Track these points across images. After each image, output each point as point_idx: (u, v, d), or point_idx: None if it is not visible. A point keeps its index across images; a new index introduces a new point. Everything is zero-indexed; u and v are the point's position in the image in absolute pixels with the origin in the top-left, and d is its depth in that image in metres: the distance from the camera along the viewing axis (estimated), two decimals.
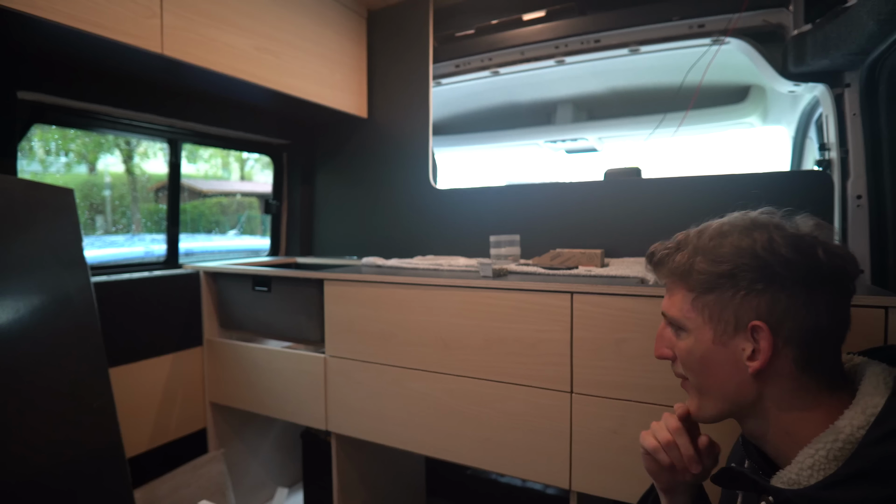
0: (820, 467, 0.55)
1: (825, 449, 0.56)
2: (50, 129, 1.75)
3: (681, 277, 0.66)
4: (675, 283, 0.68)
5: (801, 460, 0.57)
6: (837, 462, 0.55)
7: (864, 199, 1.25)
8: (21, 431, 1.10)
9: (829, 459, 0.55)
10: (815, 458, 0.56)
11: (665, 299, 0.70)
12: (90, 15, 1.18)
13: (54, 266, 1.25)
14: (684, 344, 0.66)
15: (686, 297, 0.65)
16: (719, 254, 0.62)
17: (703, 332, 0.64)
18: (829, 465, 0.55)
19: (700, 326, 0.64)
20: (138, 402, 1.69)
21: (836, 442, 0.55)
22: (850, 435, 0.55)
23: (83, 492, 1.19)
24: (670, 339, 0.69)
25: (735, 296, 0.61)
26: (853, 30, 1.06)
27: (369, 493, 1.75)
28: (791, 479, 0.58)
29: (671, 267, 0.67)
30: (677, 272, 0.66)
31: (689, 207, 1.55)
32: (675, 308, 0.67)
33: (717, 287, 0.62)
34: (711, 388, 0.64)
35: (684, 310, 0.65)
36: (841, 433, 0.55)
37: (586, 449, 1.18)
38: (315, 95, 1.85)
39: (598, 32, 1.80)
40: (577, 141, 2.39)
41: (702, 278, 0.63)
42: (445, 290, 1.34)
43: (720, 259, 0.62)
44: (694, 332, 0.65)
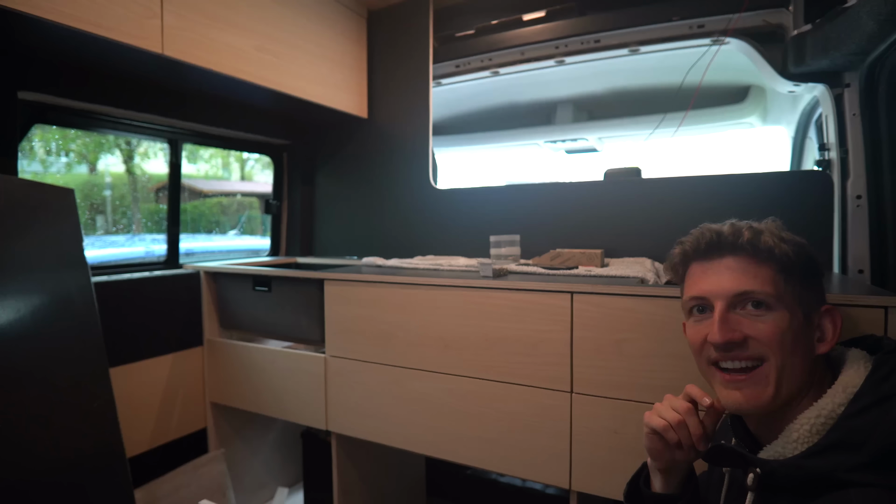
0: (804, 440, 0.60)
1: (808, 424, 0.61)
2: (50, 129, 1.75)
3: (768, 257, 0.66)
4: (760, 261, 0.66)
5: (788, 435, 0.62)
6: (819, 435, 0.60)
7: (863, 198, 1.25)
8: (21, 431, 1.10)
9: (811, 433, 0.60)
10: (800, 432, 0.61)
11: (740, 278, 0.66)
12: (91, 15, 1.19)
13: (55, 266, 1.25)
14: (773, 323, 0.64)
15: (777, 277, 0.65)
16: (797, 243, 0.67)
17: (795, 312, 0.65)
18: (812, 437, 0.60)
19: (793, 306, 0.65)
20: (138, 402, 1.69)
21: (818, 418, 0.60)
22: (832, 411, 0.60)
23: (83, 491, 1.19)
24: (739, 322, 0.65)
25: (813, 281, 0.67)
26: (853, 30, 1.06)
27: (369, 493, 1.75)
28: (777, 451, 0.63)
29: (759, 245, 0.66)
30: (764, 251, 0.66)
31: (689, 207, 1.55)
32: (769, 284, 0.65)
33: (797, 272, 0.66)
34: (795, 370, 0.64)
35: (779, 287, 0.65)
36: (823, 409, 0.61)
37: (586, 449, 1.18)
38: (315, 96, 1.85)
39: (598, 33, 1.80)
40: (577, 141, 2.40)
41: (790, 260, 0.65)
42: (445, 290, 1.34)
43: (799, 248, 0.66)
44: (786, 311, 0.64)
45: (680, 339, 1.06)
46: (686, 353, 1.05)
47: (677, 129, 2.07)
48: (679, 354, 1.07)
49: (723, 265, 0.68)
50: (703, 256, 0.70)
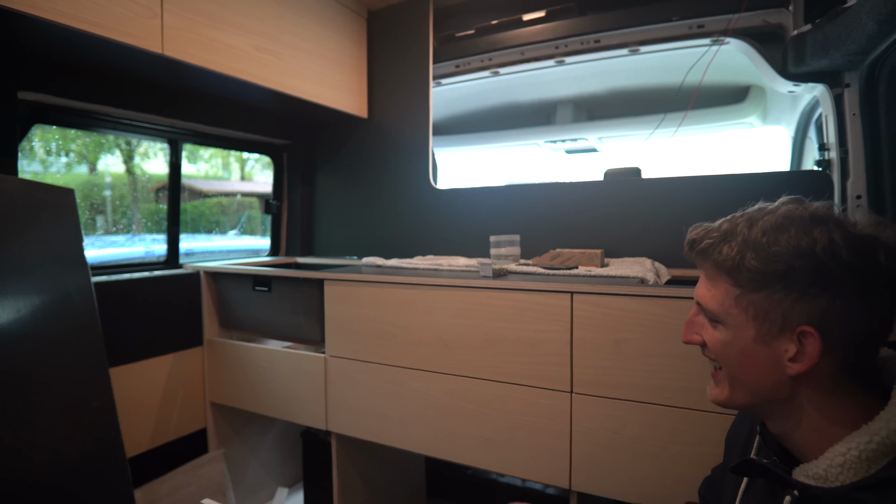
0: (850, 466, 0.54)
1: (857, 449, 0.54)
2: (50, 130, 1.75)
3: (727, 271, 0.61)
4: (718, 275, 0.62)
5: (831, 458, 0.55)
6: (870, 463, 0.53)
7: (863, 199, 1.25)
8: (21, 431, 1.10)
9: (861, 460, 0.53)
10: (847, 457, 0.54)
11: (702, 288, 0.65)
12: (91, 15, 1.19)
13: (55, 266, 1.25)
14: (721, 336, 0.63)
15: (729, 292, 0.61)
16: (773, 252, 0.57)
17: (745, 330, 0.60)
18: (861, 465, 0.54)
19: (742, 324, 0.60)
20: (138, 402, 1.69)
21: (870, 443, 0.53)
22: (886, 437, 0.53)
23: (84, 491, 1.19)
24: (702, 326, 0.66)
25: (786, 298, 0.57)
26: (853, 30, 1.06)
27: (369, 493, 1.75)
28: (818, 474, 0.56)
29: (717, 259, 0.62)
30: (723, 265, 0.61)
31: (689, 207, 1.56)
32: (716, 302, 0.62)
33: (767, 286, 0.57)
34: (745, 382, 0.62)
35: (726, 305, 0.61)
36: (876, 435, 0.53)
37: (586, 449, 1.18)
38: (315, 96, 1.86)
39: (598, 33, 1.80)
40: (577, 141, 2.39)
41: (751, 276, 0.58)
42: (445, 290, 1.34)
43: (774, 258, 0.57)
44: (734, 328, 0.61)
45: (679, 339, 1.06)
46: (686, 353, 1.06)
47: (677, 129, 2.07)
48: (679, 354, 1.07)
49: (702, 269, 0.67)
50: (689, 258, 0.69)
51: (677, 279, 1.48)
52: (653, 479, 1.11)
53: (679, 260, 1.55)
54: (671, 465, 1.08)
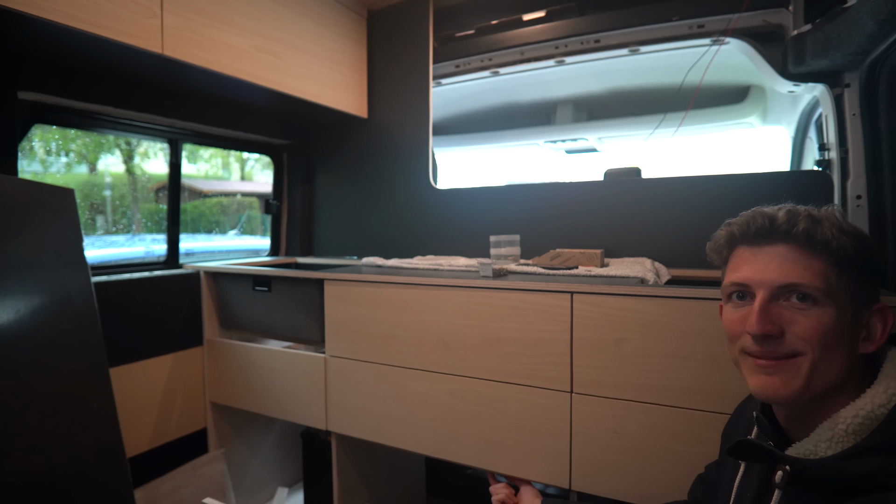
0: (838, 440, 0.58)
1: (844, 423, 0.58)
2: (50, 130, 1.75)
3: (822, 249, 0.61)
4: (812, 253, 0.62)
5: (821, 433, 0.60)
6: (856, 437, 0.57)
7: (863, 199, 1.25)
8: (21, 431, 1.10)
9: (847, 433, 0.58)
10: (835, 431, 0.58)
11: (788, 268, 0.62)
12: (91, 15, 1.19)
13: (55, 266, 1.25)
14: (817, 318, 0.61)
15: (829, 271, 0.61)
16: (858, 236, 0.63)
17: (844, 309, 0.61)
18: (847, 438, 0.58)
19: (842, 303, 0.61)
20: (138, 402, 1.69)
21: (855, 417, 0.58)
22: (871, 412, 0.57)
23: (84, 492, 1.19)
24: (781, 314, 0.62)
25: (863, 278, 0.62)
26: (853, 30, 1.06)
27: (369, 493, 1.75)
28: (808, 450, 0.60)
29: (815, 236, 0.62)
30: (818, 242, 0.61)
31: (688, 207, 1.55)
32: (820, 278, 0.61)
33: (853, 266, 0.62)
34: (832, 366, 0.61)
35: (829, 281, 0.61)
36: (861, 409, 0.58)
37: (586, 449, 1.18)
38: (315, 95, 1.85)
39: (597, 33, 1.80)
40: (577, 141, 2.39)
41: (847, 254, 0.61)
42: (445, 290, 1.34)
43: (859, 242, 0.62)
44: (834, 308, 0.61)
45: (679, 339, 1.07)
46: (685, 353, 1.06)
47: (677, 129, 2.07)
48: (679, 354, 1.07)
49: (773, 252, 0.64)
50: (751, 241, 0.67)
51: (677, 279, 1.48)
52: (653, 479, 1.11)
53: (679, 260, 1.55)
54: (671, 465, 1.08)
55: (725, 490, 0.75)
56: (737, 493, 0.72)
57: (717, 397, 1.03)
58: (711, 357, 1.03)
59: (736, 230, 0.68)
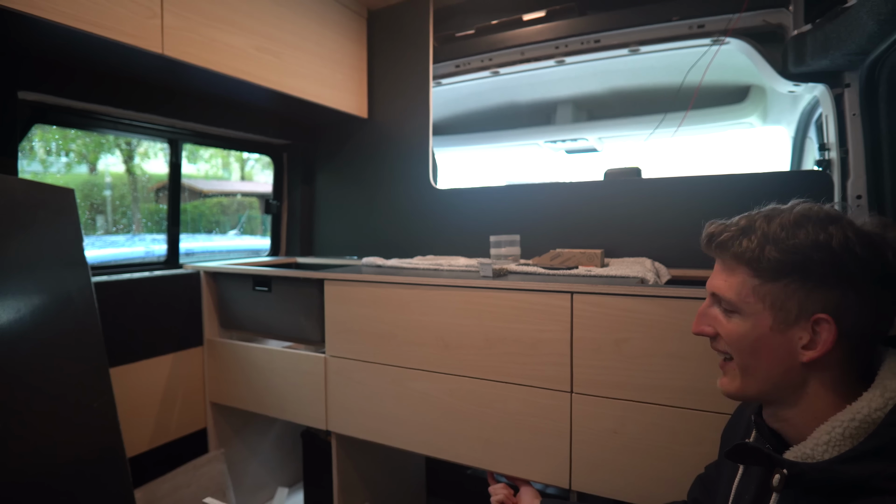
0: (835, 444, 0.58)
1: (841, 427, 0.58)
2: (50, 130, 1.75)
3: (746, 262, 0.64)
4: (737, 266, 0.65)
5: (817, 437, 0.60)
6: (853, 440, 0.57)
7: (863, 199, 1.25)
8: (21, 431, 1.10)
9: (844, 437, 0.58)
10: (832, 434, 0.59)
11: (718, 279, 0.68)
12: (91, 15, 1.19)
13: (55, 266, 1.25)
14: (735, 326, 0.66)
15: (747, 282, 0.64)
16: (792, 244, 0.61)
17: (762, 318, 0.63)
18: (845, 442, 0.58)
19: (759, 312, 0.63)
20: (138, 402, 1.69)
21: (852, 421, 0.58)
22: (867, 416, 0.57)
23: (83, 492, 1.19)
24: (715, 318, 0.69)
25: (802, 287, 0.61)
26: (853, 30, 1.06)
27: (369, 493, 1.75)
28: (805, 454, 0.60)
29: (736, 251, 0.65)
30: (743, 257, 0.64)
31: (689, 207, 1.55)
32: (734, 291, 0.65)
33: (785, 276, 0.61)
34: (758, 371, 0.64)
35: (744, 294, 0.64)
36: (858, 413, 0.58)
37: (586, 449, 1.18)
38: (315, 95, 1.85)
39: (598, 32, 1.80)
40: (577, 141, 2.39)
41: (770, 266, 0.62)
42: (445, 290, 1.34)
43: (793, 249, 0.60)
44: (751, 317, 0.64)
45: (680, 339, 1.07)
46: (685, 353, 1.06)
47: (677, 129, 2.07)
48: (679, 354, 1.07)
49: (717, 262, 0.70)
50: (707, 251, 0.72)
51: (677, 279, 1.48)
52: (653, 479, 1.11)
53: (679, 260, 1.55)
54: (671, 466, 1.08)
55: (724, 491, 0.76)
56: (735, 495, 0.72)
57: (717, 397, 1.03)
58: (711, 357, 1.02)
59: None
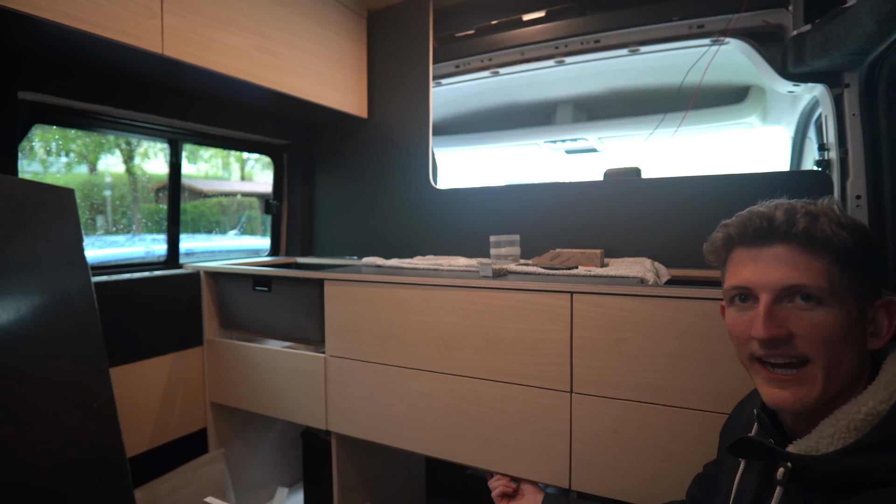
0: (840, 436, 0.58)
1: (846, 420, 0.58)
2: (51, 130, 1.75)
3: (824, 247, 0.60)
4: (813, 252, 0.61)
5: (822, 430, 0.59)
6: (857, 433, 0.57)
7: (863, 199, 1.25)
8: (21, 431, 1.10)
9: (849, 430, 0.58)
10: (837, 427, 0.58)
11: (789, 270, 0.61)
12: (90, 15, 1.19)
13: (55, 266, 1.25)
14: (824, 319, 0.59)
15: (832, 269, 0.60)
16: (857, 229, 0.61)
17: (849, 307, 0.60)
18: (849, 434, 0.58)
19: (846, 301, 0.60)
20: (139, 402, 1.69)
21: (857, 414, 0.58)
22: (872, 408, 0.57)
23: (83, 492, 1.19)
24: (787, 317, 0.61)
25: (866, 272, 0.61)
26: (852, 30, 1.06)
27: (369, 493, 1.75)
28: (810, 447, 0.60)
29: (818, 234, 0.60)
30: (819, 241, 0.60)
31: (688, 207, 1.56)
32: (824, 279, 0.59)
33: (857, 262, 0.60)
34: (842, 367, 0.60)
35: (834, 281, 0.59)
36: (864, 406, 0.58)
37: (586, 449, 1.18)
38: (315, 95, 1.85)
39: (597, 33, 1.80)
40: (577, 141, 2.39)
41: (848, 250, 0.60)
42: (445, 290, 1.34)
43: (859, 235, 0.61)
44: (838, 307, 0.60)
45: (680, 339, 1.07)
46: (685, 353, 1.06)
47: (677, 129, 2.07)
48: (679, 354, 1.07)
49: (772, 254, 0.63)
50: (749, 243, 0.65)
51: (677, 279, 1.48)
52: (653, 479, 1.11)
53: (679, 260, 1.55)
54: (671, 465, 1.09)
55: (725, 488, 0.76)
56: (737, 492, 0.72)
57: (717, 397, 1.03)
58: (711, 357, 1.03)
59: (733, 231, 0.67)
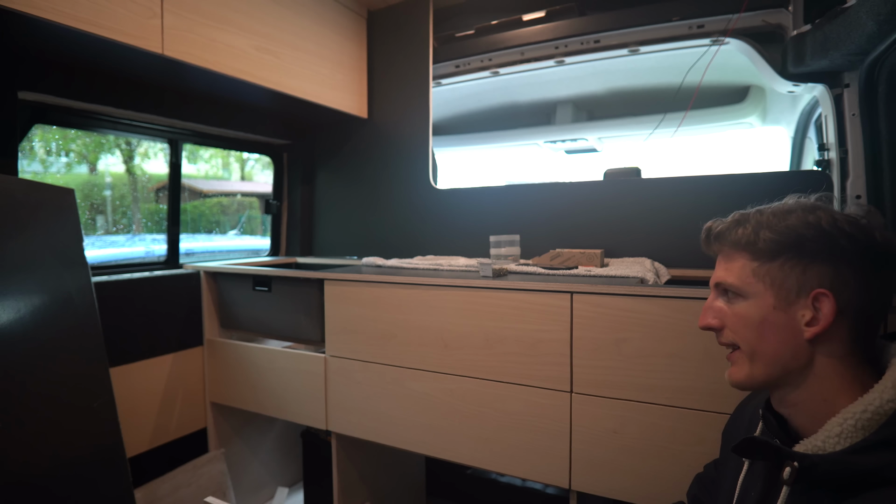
0: (847, 435, 0.58)
1: (853, 419, 0.58)
2: (51, 130, 1.75)
3: (744, 247, 0.68)
4: (735, 252, 0.69)
5: (829, 429, 0.60)
6: (865, 431, 0.58)
7: (863, 199, 1.25)
8: (21, 432, 1.10)
9: (856, 429, 0.58)
10: (844, 426, 0.59)
11: (720, 270, 0.71)
12: (90, 15, 1.19)
13: (55, 266, 1.25)
14: (741, 310, 0.67)
15: (747, 266, 0.67)
16: (786, 225, 0.65)
17: (765, 298, 0.65)
18: (857, 433, 0.58)
19: (761, 292, 0.66)
20: (139, 402, 1.69)
21: (864, 413, 0.58)
22: (880, 407, 0.57)
23: (84, 492, 1.19)
24: (720, 310, 0.71)
25: (798, 264, 0.64)
26: (852, 30, 1.06)
27: (369, 493, 1.75)
28: (817, 446, 0.60)
29: (734, 238, 0.68)
30: (740, 242, 0.68)
31: (688, 207, 1.56)
32: (735, 275, 0.68)
33: (782, 255, 0.64)
34: (766, 353, 0.66)
35: (744, 276, 0.67)
36: (870, 405, 0.58)
37: (586, 448, 1.18)
38: (315, 96, 1.86)
39: (597, 33, 1.80)
40: (577, 141, 2.39)
41: (767, 246, 0.65)
42: (445, 290, 1.34)
43: (787, 230, 0.64)
44: (754, 298, 0.66)
45: (680, 339, 1.07)
46: (685, 353, 1.06)
47: (677, 129, 2.07)
48: (679, 354, 1.07)
49: (718, 256, 0.73)
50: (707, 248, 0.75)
51: (677, 279, 1.48)
52: (653, 479, 1.11)
53: (679, 260, 1.55)
54: (671, 465, 1.09)
55: (728, 489, 0.76)
56: (740, 492, 0.72)
57: (717, 397, 1.03)
58: (711, 357, 1.03)
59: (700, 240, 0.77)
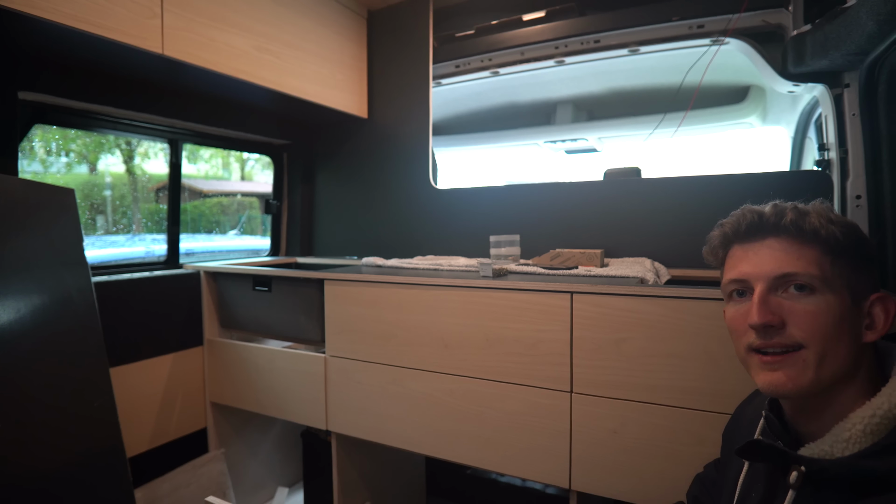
0: (856, 440, 0.57)
1: (862, 423, 0.57)
2: (51, 130, 1.75)
3: (813, 238, 0.62)
4: (804, 244, 0.63)
5: (837, 433, 0.59)
6: (873, 436, 0.57)
7: (863, 199, 1.25)
8: (21, 432, 1.10)
9: (865, 433, 0.57)
10: (852, 431, 0.57)
11: (781, 259, 0.63)
12: (90, 15, 1.19)
13: (55, 266, 1.25)
14: (814, 306, 0.61)
15: (823, 259, 0.62)
16: (846, 224, 0.63)
17: (842, 295, 0.61)
18: (866, 438, 0.57)
19: (839, 289, 0.61)
20: (139, 402, 1.69)
21: (873, 417, 0.57)
22: (888, 411, 0.56)
23: (84, 492, 1.19)
24: (780, 304, 0.62)
25: (860, 264, 0.62)
26: (852, 30, 1.06)
27: (369, 493, 1.75)
28: (824, 450, 0.59)
29: (807, 227, 0.62)
30: (808, 232, 0.62)
31: (688, 207, 1.56)
32: (815, 266, 0.61)
33: (848, 252, 0.62)
34: (837, 356, 0.60)
35: (824, 269, 0.61)
36: (879, 409, 0.57)
37: (586, 448, 1.18)
38: (315, 96, 1.86)
39: (597, 33, 1.80)
40: (577, 141, 2.40)
41: (838, 242, 0.62)
42: (445, 290, 1.34)
43: (850, 229, 0.63)
44: (831, 294, 0.61)
45: (680, 339, 1.07)
46: (685, 353, 1.06)
47: (677, 129, 2.07)
48: (679, 354, 1.07)
49: (764, 246, 0.65)
50: (743, 238, 0.68)
51: (677, 279, 1.48)
52: (653, 479, 1.11)
53: (679, 260, 1.55)
54: (671, 465, 1.09)
55: (729, 489, 0.75)
56: (741, 492, 0.71)
57: (717, 397, 1.03)
58: (711, 357, 1.03)
59: (728, 230, 0.69)
